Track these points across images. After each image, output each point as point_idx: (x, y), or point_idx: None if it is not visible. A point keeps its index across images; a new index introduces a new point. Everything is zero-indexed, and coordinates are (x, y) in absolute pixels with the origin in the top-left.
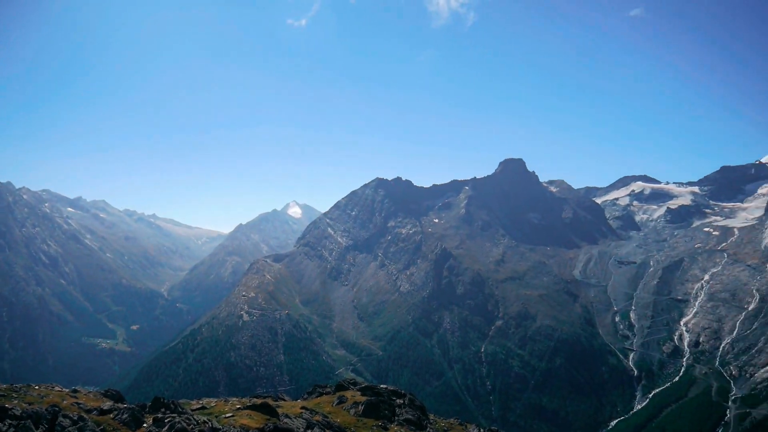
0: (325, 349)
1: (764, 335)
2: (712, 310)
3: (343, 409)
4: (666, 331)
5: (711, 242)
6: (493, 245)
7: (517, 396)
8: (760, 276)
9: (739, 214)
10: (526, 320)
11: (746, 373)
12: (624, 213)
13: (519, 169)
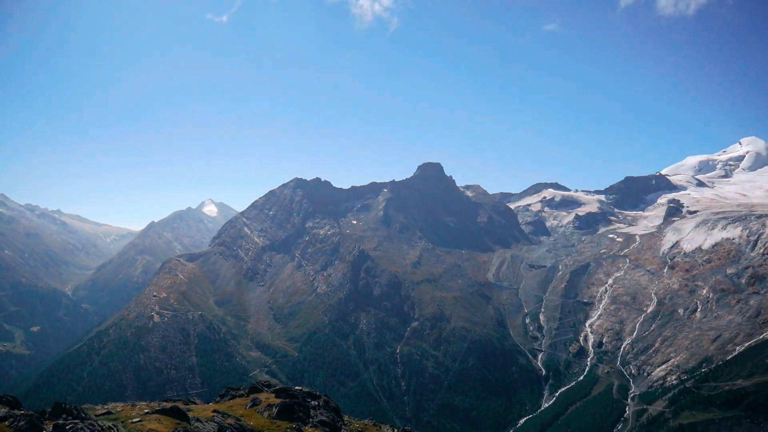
0: (240, 350)
1: (661, 336)
2: (615, 312)
3: (256, 412)
4: (572, 333)
5: (615, 248)
6: (410, 247)
7: (431, 396)
8: (658, 280)
9: (641, 221)
10: (441, 322)
11: (644, 371)
12: (536, 218)
13: (437, 173)
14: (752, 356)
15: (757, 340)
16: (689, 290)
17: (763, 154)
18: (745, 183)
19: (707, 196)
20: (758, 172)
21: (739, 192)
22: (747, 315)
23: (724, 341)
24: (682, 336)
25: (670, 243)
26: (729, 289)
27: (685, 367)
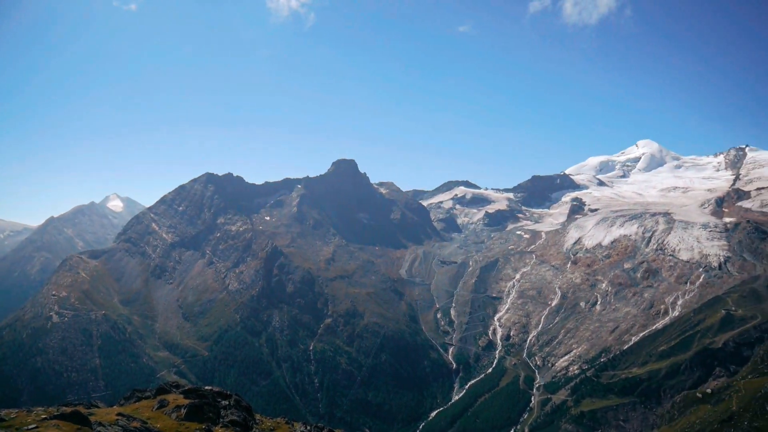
0: (147, 351)
1: (564, 328)
2: (522, 306)
3: (164, 414)
4: (482, 327)
5: (522, 244)
6: (324, 244)
7: (344, 392)
8: (562, 275)
9: (546, 219)
10: (354, 318)
11: (549, 362)
12: (447, 216)
13: (351, 170)
14: (646, 345)
15: (651, 330)
16: (590, 284)
17: (656, 156)
18: (641, 183)
19: (607, 195)
20: (652, 172)
21: (635, 191)
22: (642, 307)
23: (621, 332)
24: (583, 328)
25: (573, 239)
26: (626, 282)
27: (586, 357)
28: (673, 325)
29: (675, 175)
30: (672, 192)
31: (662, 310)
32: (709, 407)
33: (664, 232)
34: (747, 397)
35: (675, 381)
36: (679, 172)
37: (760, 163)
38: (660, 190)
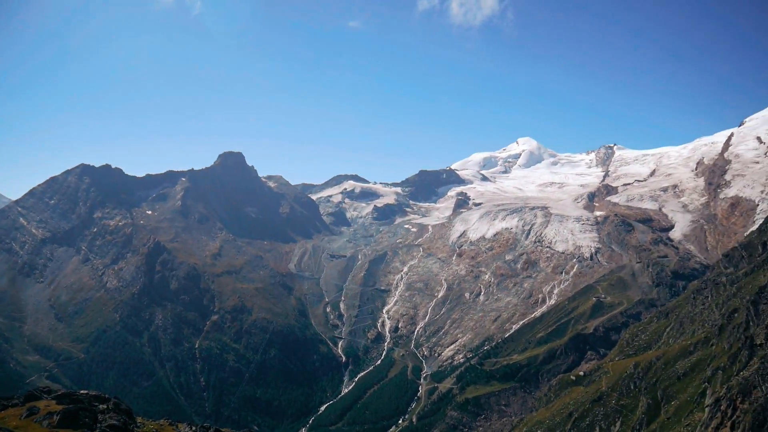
0: (14, 355)
1: (450, 319)
2: (410, 298)
3: (34, 422)
4: (371, 319)
5: (410, 238)
6: (210, 239)
7: (232, 390)
8: (448, 267)
9: (433, 213)
10: (242, 314)
11: (435, 352)
12: (337, 210)
13: (238, 162)
14: (526, 333)
15: (530, 318)
16: (474, 276)
17: (535, 152)
18: (521, 178)
19: (490, 190)
20: (531, 168)
21: (516, 186)
22: (522, 296)
23: (503, 321)
24: (468, 318)
25: (458, 233)
26: (507, 273)
27: (471, 346)
28: (549, 313)
29: (552, 171)
30: (549, 187)
31: (540, 299)
32: (581, 388)
33: (542, 225)
34: (615, 377)
35: (552, 365)
36: (556, 168)
37: (626, 161)
38: (538, 186)
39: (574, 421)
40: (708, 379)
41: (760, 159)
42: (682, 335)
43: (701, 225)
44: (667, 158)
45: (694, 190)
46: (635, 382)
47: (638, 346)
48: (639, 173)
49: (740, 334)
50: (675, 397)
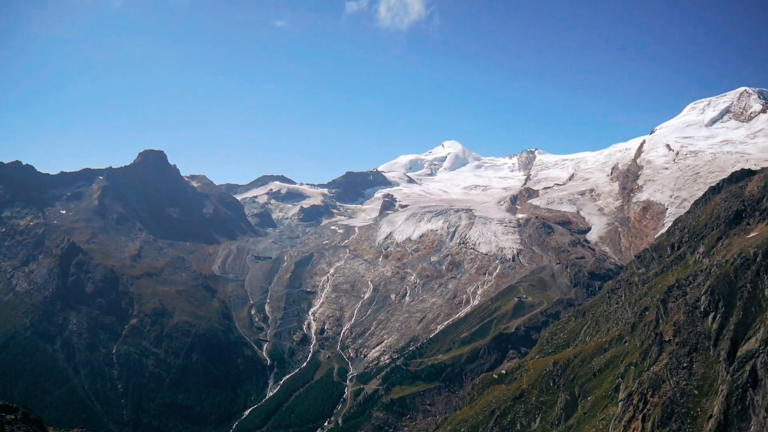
0: None
1: (376, 320)
2: (336, 300)
3: None
4: (297, 321)
5: (336, 239)
6: (129, 240)
7: (152, 396)
8: (374, 269)
9: (360, 214)
10: (163, 317)
11: (361, 354)
12: (262, 210)
13: (160, 161)
14: (450, 333)
15: (454, 319)
16: (400, 277)
17: (460, 156)
18: (446, 181)
19: (416, 192)
20: (457, 171)
21: (442, 189)
22: (446, 297)
23: (428, 321)
24: (394, 319)
25: (384, 234)
26: (432, 275)
27: (396, 347)
28: (473, 313)
29: (476, 174)
30: (473, 190)
31: (464, 300)
32: (503, 387)
33: (467, 227)
34: (535, 375)
35: (475, 365)
36: (480, 171)
37: (546, 165)
38: (463, 188)
39: (497, 418)
40: (621, 375)
41: (669, 165)
42: (597, 333)
43: (616, 227)
44: (584, 163)
45: (609, 194)
46: (554, 379)
47: (557, 344)
48: (559, 177)
49: (651, 331)
50: (591, 393)
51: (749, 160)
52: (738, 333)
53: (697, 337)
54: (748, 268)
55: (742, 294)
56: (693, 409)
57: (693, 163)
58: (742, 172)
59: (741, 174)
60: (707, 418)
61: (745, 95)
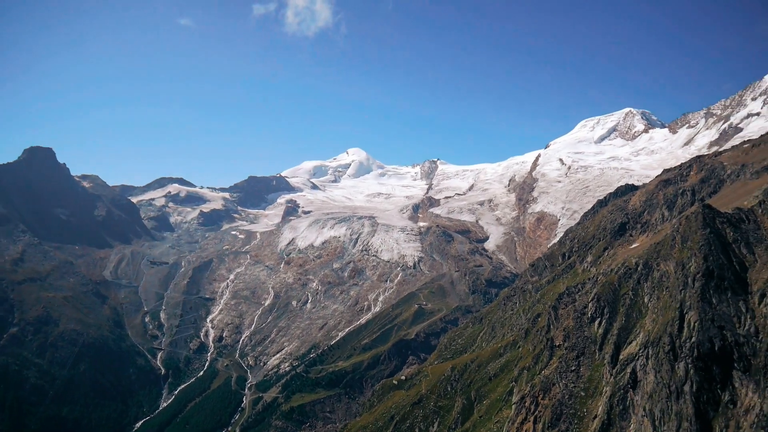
0: None
1: (276, 327)
2: (235, 306)
3: None
4: (194, 329)
5: (237, 244)
6: (10, 242)
7: (33, 410)
8: (276, 275)
9: (262, 220)
10: (47, 325)
11: (260, 362)
12: (159, 214)
13: (47, 159)
14: (351, 340)
15: (356, 325)
16: (302, 283)
17: (365, 163)
18: (350, 188)
19: (320, 198)
20: (361, 178)
21: (345, 195)
22: (348, 304)
23: (330, 328)
24: (294, 326)
25: (287, 240)
26: (335, 281)
27: (297, 354)
28: (375, 320)
29: (379, 182)
30: (377, 197)
31: (366, 307)
32: (403, 392)
33: (369, 234)
34: (433, 380)
35: (376, 371)
36: (383, 179)
37: (447, 175)
38: (367, 196)
39: (396, 424)
40: (515, 379)
41: (561, 179)
42: (493, 339)
43: (512, 237)
44: (484, 174)
45: (506, 205)
46: (452, 384)
47: (455, 350)
48: (459, 187)
49: (542, 336)
50: (487, 397)
51: (633, 175)
52: (621, 337)
53: (585, 341)
54: (630, 276)
55: (625, 301)
56: (580, 410)
57: (583, 177)
58: (627, 186)
59: (625, 189)
60: (592, 418)
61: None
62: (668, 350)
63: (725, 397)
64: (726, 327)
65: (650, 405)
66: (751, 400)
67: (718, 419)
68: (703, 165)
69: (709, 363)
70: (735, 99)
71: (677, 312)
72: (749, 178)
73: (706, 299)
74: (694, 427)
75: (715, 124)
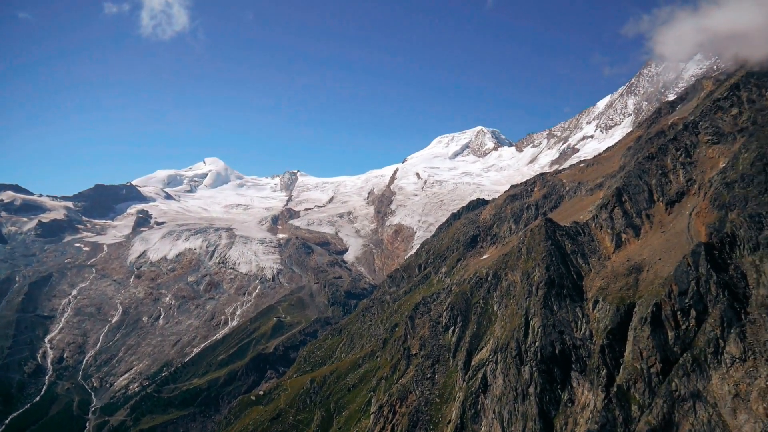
0: None
1: (125, 345)
2: (79, 324)
3: None
4: (29, 350)
5: (82, 257)
6: None
7: None
8: (125, 290)
9: (110, 231)
10: None
11: (107, 383)
12: None
13: None
14: (207, 356)
15: (212, 340)
16: (154, 298)
17: (222, 173)
18: (207, 198)
19: (174, 209)
20: (218, 189)
21: (202, 206)
22: (204, 319)
23: (184, 344)
24: (145, 343)
25: (137, 253)
26: (189, 295)
27: (147, 373)
28: (232, 335)
29: (238, 193)
30: (235, 209)
31: (223, 321)
32: (261, 408)
33: (227, 246)
34: (293, 394)
35: (232, 387)
36: (242, 190)
37: (307, 187)
38: (224, 207)
39: None
40: (373, 389)
41: (418, 192)
42: (352, 350)
43: (371, 249)
44: (344, 186)
45: (365, 217)
46: (311, 396)
47: (314, 362)
48: (319, 199)
49: (400, 345)
50: (346, 408)
51: (483, 190)
52: (472, 344)
53: (440, 349)
54: (481, 286)
55: (476, 309)
56: (435, 416)
57: (438, 191)
58: (478, 201)
59: (477, 203)
60: (447, 423)
61: (482, 134)
62: (515, 355)
63: (565, 396)
64: (565, 331)
65: (499, 407)
66: (587, 398)
67: (558, 417)
68: (546, 182)
69: (551, 365)
70: (572, 122)
71: (523, 319)
72: (585, 194)
73: (548, 306)
74: (538, 426)
75: (556, 144)
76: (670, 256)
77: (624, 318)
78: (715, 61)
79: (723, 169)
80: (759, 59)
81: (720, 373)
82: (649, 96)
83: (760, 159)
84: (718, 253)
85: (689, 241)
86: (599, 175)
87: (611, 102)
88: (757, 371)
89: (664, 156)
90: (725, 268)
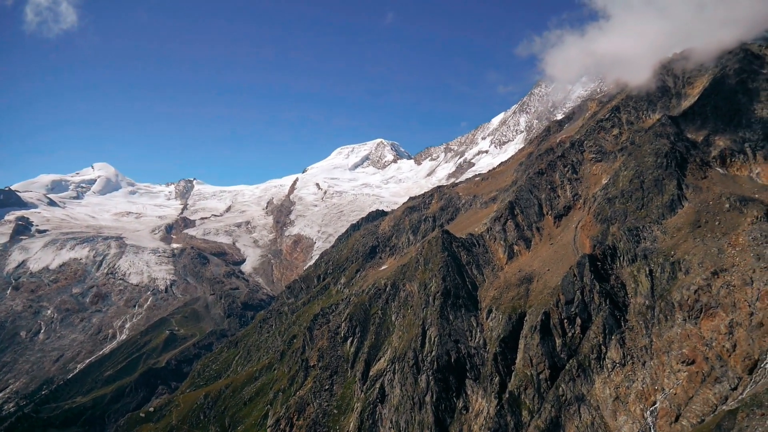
0: None
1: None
2: None
3: None
4: None
5: None
6: None
7: None
8: (1, 303)
9: None
10: None
11: None
12: None
13: None
14: (92, 372)
15: (98, 356)
16: (34, 311)
17: (112, 180)
18: (95, 205)
19: (59, 216)
20: (107, 196)
21: (89, 214)
22: (90, 333)
23: (67, 360)
24: (23, 360)
25: (16, 262)
26: (74, 308)
27: (25, 392)
28: (120, 349)
29: (129, 201)
30: (126, 217)
31: (110, 335)
32: (151, 425)
33: (116, 256)
34: (185, 410)
35: (120, 404)
36: (134, 197)
37: (204, 196)
38: (114, 214)
39: None
40: (270, 402)
41: (318, 203)
42: (249, 362)
43: (269, 259)
44: (242, 196)
45: (264, 227)
46: (205, 412)
47: (209, 376)
48: (216, 208)
49: (298, 357)
50: (242, 422)
51: (383, 202)
52: (371, 355)
53: (338, 360)
54: (379, 296)
55: (375, 320)
56: (333, 428)
57: (338, 201)
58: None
59: (376, 214)
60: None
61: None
62: (412, 364)
63: (460, 403)
64: (460, 340)
65: (396, 417)
66: (480, 405)
67: (454, 425)
68: (443, 194)
69: (447, 374)
70: (469, 137)
71: (420, 328)
72: (479, 207)
73: (445, 316)
74: None
75: (453, 158)
76: (558, 267)
77: (516, 326)
78: (599, 84)
79: (605, 185)
80: (638, 83)
81: (602, 377)
82: (540, 114)
83: (638, 177)
84: (601, 264)
85: (575, 252)
86: (493, 189)
87: (505, 119)
88: (635, 375)
89: (552, 172)
90: (607, 278)
